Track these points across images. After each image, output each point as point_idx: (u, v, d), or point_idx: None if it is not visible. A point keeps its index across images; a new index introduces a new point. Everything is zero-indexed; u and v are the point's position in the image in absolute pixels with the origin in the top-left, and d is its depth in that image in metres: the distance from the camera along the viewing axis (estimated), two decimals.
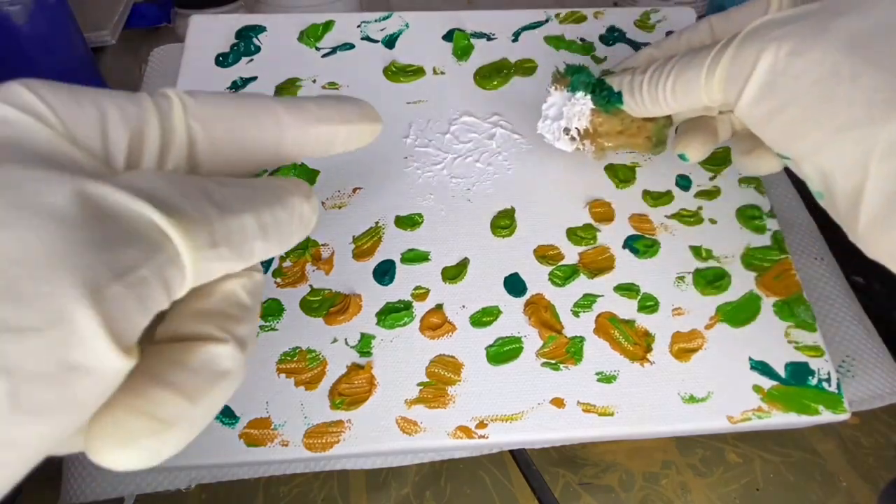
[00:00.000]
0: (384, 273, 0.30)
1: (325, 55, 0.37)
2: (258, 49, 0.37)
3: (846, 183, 0.20)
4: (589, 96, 0.28)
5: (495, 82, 0.37)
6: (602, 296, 0.30)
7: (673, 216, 0.33)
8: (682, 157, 0.27)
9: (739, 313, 0.30)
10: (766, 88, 0.21)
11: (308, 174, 0.33)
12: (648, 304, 0.30)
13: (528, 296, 0.30)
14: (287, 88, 0.36)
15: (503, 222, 0.32)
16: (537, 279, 0.30)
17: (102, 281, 0.11)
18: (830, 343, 0.31)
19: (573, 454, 0.30)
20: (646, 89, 0.26)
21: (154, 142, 0.15)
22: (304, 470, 0.29)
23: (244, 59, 0.37)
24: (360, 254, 0.31)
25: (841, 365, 0.31)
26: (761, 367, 0.28)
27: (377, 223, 0.32)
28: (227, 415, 0.26)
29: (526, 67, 0.38)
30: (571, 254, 0.31)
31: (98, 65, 0.42)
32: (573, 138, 0.30)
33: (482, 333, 0.29)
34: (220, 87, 0.36)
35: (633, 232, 0.32)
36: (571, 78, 0.29)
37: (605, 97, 0.27)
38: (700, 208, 0.33)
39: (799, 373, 0.28)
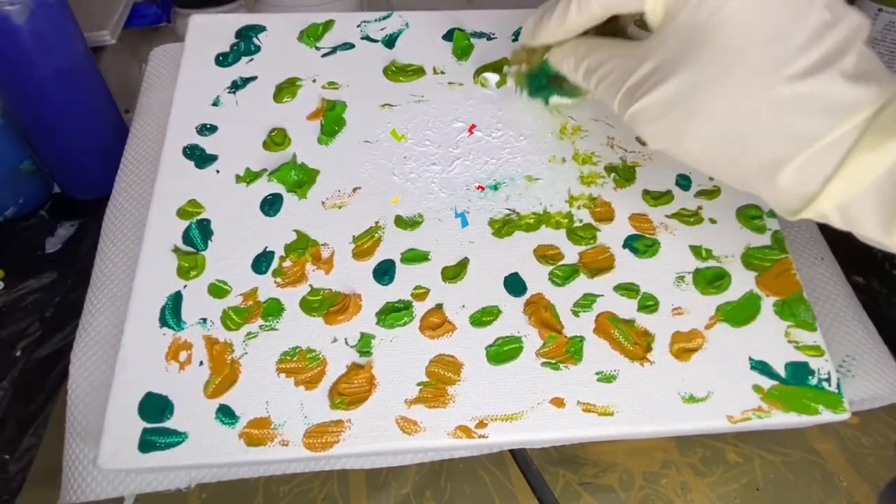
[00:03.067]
0: (384, 273, 0.30)
1: (325, 55, 0.37)
2: (258, 49, 0.37)
3: None
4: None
5: None
6: (602, 295, 0.30)
7: (673, 216, 0.33)
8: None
9: (739, 313, 0.30)
10: None
11: (308, 174, 0.33)
12: (648, 304, 0.30)
13: (527, 295, 0.30)
14: (287, 88, 0.36)
15: (503, 222, 0.32)
16: (537, 279, 0.30)
17: None
18: (831, 343, 0.31)
19: (573, 454, 0.30)
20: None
21: None
22: (304, 469, 0.29)
23: (244, 59, 0.37)
24: (359, 253, 0.31)
25: (841, 365, 0.31)
26: (761, 367, 0.28)
27: (377, 223, 0.32)
28: (227, 414, 0.26)
29: None
30: (571, 253, 0.31)
31: (98, 64, 0.42)
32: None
33: (482, 333, 0.29)
34: (219, 87, 0.36)
35: (633, 231, 0.32)
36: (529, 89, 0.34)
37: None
38: (700, 208, 0.33)
39: (799, 372, 0.28)
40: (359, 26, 0.38)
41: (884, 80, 0.21)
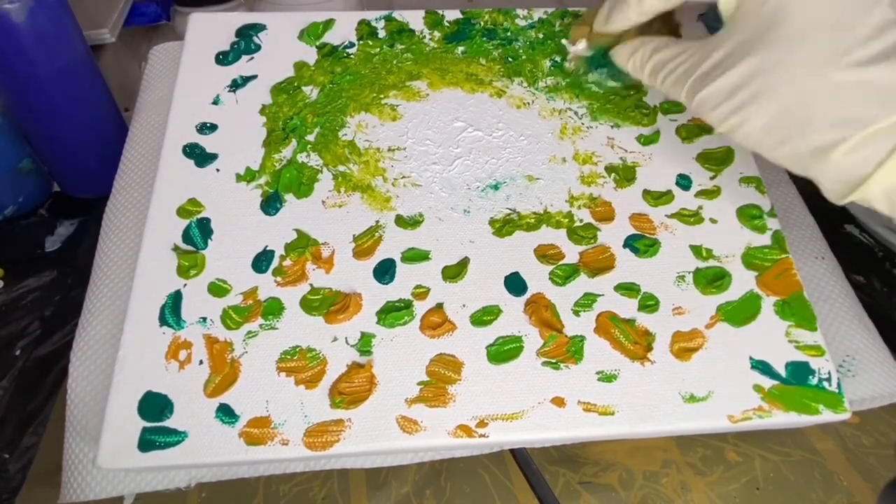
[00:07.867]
0: (384, 272, 0.30)
1: (325, 55, 0.37)
2: (258, 47, 0.37)
3: None
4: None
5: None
6: (602, 295, 0.30)
7: (673, 216, 0.32)
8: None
9: (740, 313, 0.30)
10: None
11: (310, 172, 0.33)
12: (649, 304, 0.30)
13: (528, 295, 0.30)
14: (287, 87, 0.36)
15: (504, 221, 0.32)
16: (538, 278, 0.30)
17: None
18: (831, 342, 0.31)
19: (573, 453, 0.30)
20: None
21: None
22: (304, 469, 0.29)
23: (244, 58, 0.37)
24: (360, 253, 0.31)
25: (842, 364, 0.31)
26: (762, 367, 0.28)
27: (377, 222, 0.31)
28: (227, 413, 0.26)
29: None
30: (572, 253, 0.31)
31: (98, 63, 0.42)
32: None
33: (482, 332, 0.29)
34: (219, 85, 0.36)
35: (633, 231, 0.32)
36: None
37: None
38: (700, 208, 0.33)
39: (799, 372, 0.28)
40: (359, 25, 0.38)
41: None
